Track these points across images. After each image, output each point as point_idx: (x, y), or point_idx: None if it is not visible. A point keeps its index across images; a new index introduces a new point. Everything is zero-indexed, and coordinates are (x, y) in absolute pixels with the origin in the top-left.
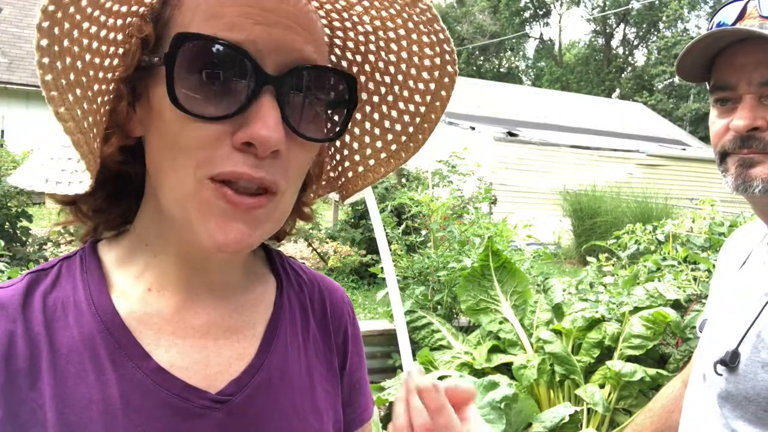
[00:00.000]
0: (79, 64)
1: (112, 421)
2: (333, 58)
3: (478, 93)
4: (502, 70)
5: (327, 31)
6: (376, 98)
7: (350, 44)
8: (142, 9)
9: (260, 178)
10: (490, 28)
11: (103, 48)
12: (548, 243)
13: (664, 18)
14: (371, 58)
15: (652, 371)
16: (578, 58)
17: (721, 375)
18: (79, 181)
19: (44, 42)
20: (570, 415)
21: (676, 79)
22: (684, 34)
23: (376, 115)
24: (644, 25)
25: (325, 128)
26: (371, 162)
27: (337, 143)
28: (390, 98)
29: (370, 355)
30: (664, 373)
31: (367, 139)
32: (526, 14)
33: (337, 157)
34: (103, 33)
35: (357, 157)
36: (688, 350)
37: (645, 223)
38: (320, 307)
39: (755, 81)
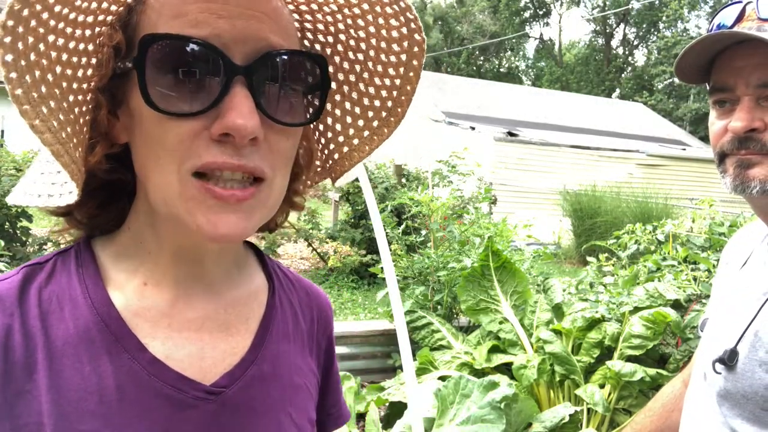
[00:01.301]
0: (49, 77)
1: (107, 411)
2: (306, 43)
3: (478, 93)
4: (502, 70)
5: (296, 16)
6: (352, 77)
7: (320, 26)
8: (109, 18)
9: (241, 165)
10: (490, 28)
11: (74, 59)
12: (548, 243)
13: (664, 18)
14: (342, 37)
15: (652, 371)
16: (578, 58)
17: (719, 373)
18: (69, 191)
19: (9, 57)
20: (570, 415)
21: (676, 79)
22: (684, 34)
23: (354, 95)
24: (644, 25)
25: (301, 112)
26: (355, 141)
27: (321, 127)
28: (365, 75)
29: (371, 355)
30: (664, 373)
31: (348, 119)
32: (526, 14)
33: (322, 140)
34: (72, 44)
35: (341, 138)
36: (688, 350)
37: (645, 223)
38: (308, 310)
39: (753, 83)
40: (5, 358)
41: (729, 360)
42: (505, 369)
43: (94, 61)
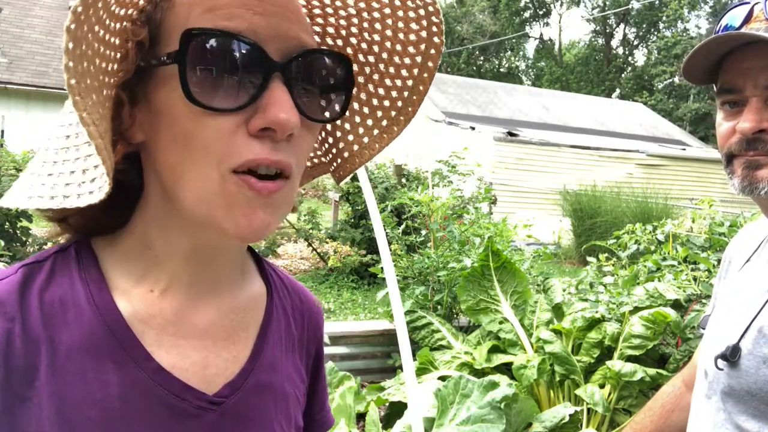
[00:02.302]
0: (92, 68)
1: (109, 419)
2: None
3: (478, 93)
4: (502, 70)
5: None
6: (361, 78)
7: (330, 29)
8: (135, 12)
9: (278, 160)
10: (490, 28)
11: (108, 52)
12: (548, 243)
13: (664, 18)
14: (353, 40)
15: (652, 371)
16: (578, 58)
17: (722, 370)
18: (89, 191)
19: (70, 45)
20: (570, 415)
21: (676, 79)
22: (684, 34)
23: (363, 95)
24: (644, 25)
25: (327, 109)
26: (365, 140)
27: (328, 126)
28: (376, 76)
29: (371, 355)
30: (664, 373)
31: (357, 119)
32: (526, 14)
33: (330, 139)
34: (108, 36)
35: (350, 137)
36: (688, 350)
37: (645, 223)
38: (300, 317)
39: (761, 84)
40: (5, 365)
41: (731, 356)
42: (505, 369)
43: (119, 56)
